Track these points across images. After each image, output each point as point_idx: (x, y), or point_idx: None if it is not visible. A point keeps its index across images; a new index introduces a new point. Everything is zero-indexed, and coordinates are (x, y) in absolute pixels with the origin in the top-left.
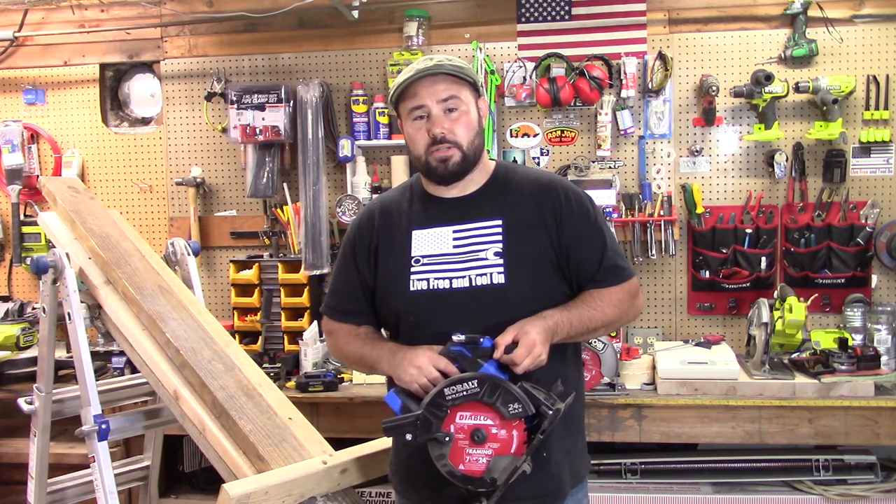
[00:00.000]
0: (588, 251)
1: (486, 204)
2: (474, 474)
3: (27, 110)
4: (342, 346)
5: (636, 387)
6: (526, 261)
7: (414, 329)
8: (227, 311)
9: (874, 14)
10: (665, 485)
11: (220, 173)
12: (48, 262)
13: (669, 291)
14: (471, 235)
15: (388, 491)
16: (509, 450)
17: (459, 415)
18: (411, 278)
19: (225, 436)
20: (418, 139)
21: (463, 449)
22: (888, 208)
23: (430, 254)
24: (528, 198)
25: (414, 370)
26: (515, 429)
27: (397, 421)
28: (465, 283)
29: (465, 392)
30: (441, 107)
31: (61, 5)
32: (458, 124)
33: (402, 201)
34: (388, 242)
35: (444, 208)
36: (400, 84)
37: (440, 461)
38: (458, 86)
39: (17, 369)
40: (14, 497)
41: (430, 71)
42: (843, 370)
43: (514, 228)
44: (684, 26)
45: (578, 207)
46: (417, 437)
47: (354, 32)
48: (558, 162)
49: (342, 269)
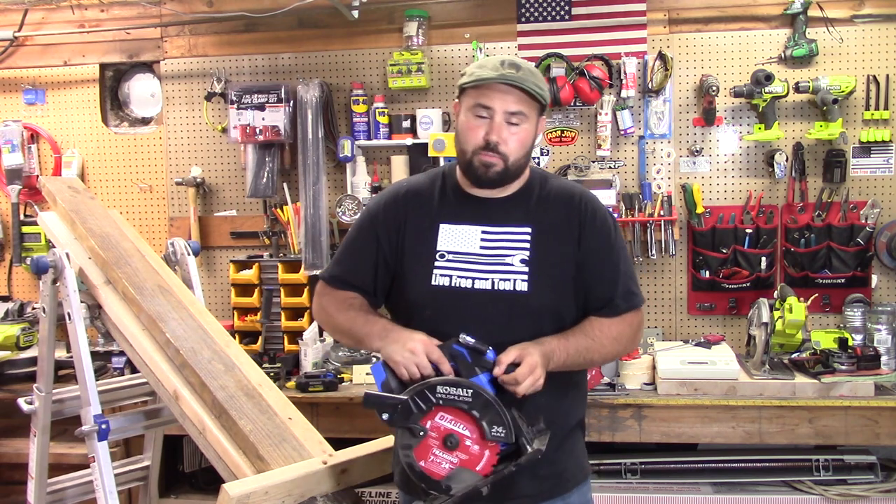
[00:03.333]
0: (603, 271)
1: (518, 209)
2: (433, 476)
3: (27, 110)
4: (332, 312)
5: (636, 387)
6: (550, 272)
7: (428, 323)
8: (227, 311)
9: (874, 14)
10: (665, 485)
11: (220, 173)
12: (48, 262)
13: (669, 291)
14: (499, 239)
15: (387, 491)
16: (475, 466)
17: (441, 415)
18: (434, 272)
19: (225, 436)
20: (471, 136)
21: (430, 448)
22: (888, 208)
23: (456, 250)
24: (557, 209)
25: (407, 353)
26: (489, 450)
27: (381, 398)
28: (487, 285)
29: (456, 397)
30: (506, 117)
31: (61, 5)
32: (514, 138)
33: (432, 189)
34: (414, 228)
35: (475, 207)
36: (480, 79)
37: (405, 451)
38: (529, 103)
39: (17, 369)
40: (14, 497)
41: (513, 81)
42: (843, 370)
43: (541, 238)
44: (684, 26)
45: (602, 225)
46: (394, 421)
47: (354, 32)
48: (558, 162)
49: (356, 243)
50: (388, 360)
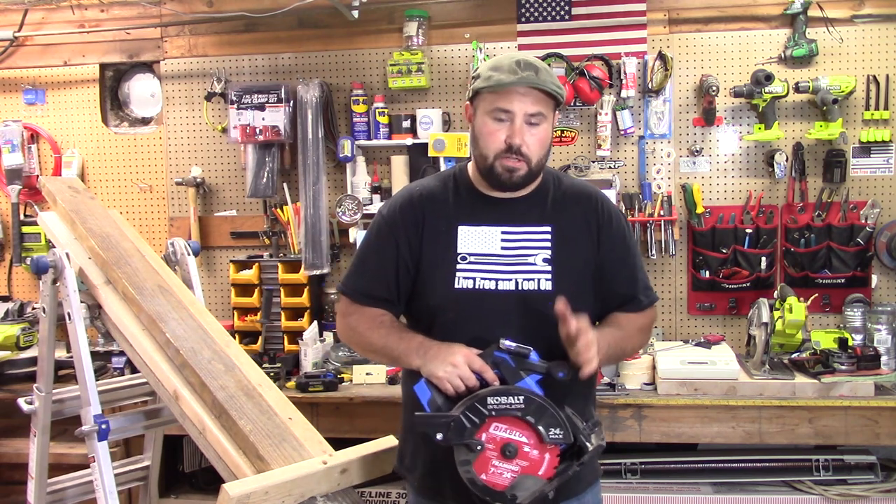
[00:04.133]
0: (623, 270)
1: (536, 209)
2: (496, 487)
3: (27, 110)
4: (363, 331)
5: (636, 387)
6: (572, 271)
7: (451, 327)
8: (227, 311)
9: (874, 14)
10: (665, 485)
11: (220, 173)
12: (48, 262)
13: (669, 291)
14: (520, 239)
15: (388, 491)
16: (537, 471)
17: (495, 425)
18: (457, 275)
19: (225, 436)
20: (492, 140)
21: (489, 460)
22: (888, 208)
23: (477, 252)
24: (574, 207)
25: (449, 367)
26: (549, 452)
27: (432, 419)
28: (511, 286)
29: (508, 405)
30: (526, 118)
31: (61, 5)
32: (535, 140)
33: (445, 191)
34: (432, 231)
35: (493, 207)
36: (500, 83)
37: (464, 467)
38: (547, 102)
39: (17, 369)
40: (14, 497)
41: (533, 84)
42: (843, 370)
43: (562, 237)
44: (684, 26)
45: (618, 227)
46: (449, 439)
47: (354, 32)
48: (558, 162)
49: (376, 250)
50: (430, 376)
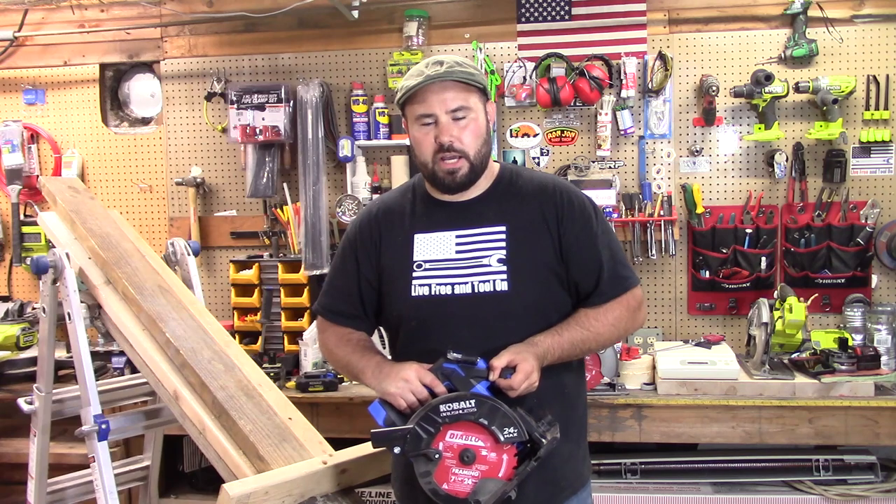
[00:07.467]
0: (588, 260)
1: (490, 209)
2: (458, 495)
3: (27, 110)
4: (332, 347)
5: (636, 387)
6: (529, 268)
7: (415, 334)
8: (227, 311)
9: (874, 14)
10: (665, 485)
11: (220, 173)
12: (48, 262)
13: (669, 291)
14: (474, 241)
15: (388, 491)
16: (497, 473)
17: (450, 433)
18: (413, 283)
19: (225, 436)
20: (425, 145)
21: (449, 468)
22: (888, 208)
23: (432, 259)
24: (531, 202)
25: (401, 382)
26: (506, 453)
27: (387, 432)
28: (467, 289)
29: (461, 411)
30: (450, 115)
31: (61, 5)
32: (466, 132)
33: (403, 203)
34: (390, 244)
35: (447, 213)
36: (409, 89)
37: (425, 478)
38: (468, 93)
39: (17, 369)
40: (14, 497)
41: (440, 77)
42: (843, 370)
43: (517, 235)
44: (684, 26)
45: (581, 213)
46: (406, 452)
47: (354, 32)
48: (558, 162)
49: (340, 269)
50: (383, 394)
